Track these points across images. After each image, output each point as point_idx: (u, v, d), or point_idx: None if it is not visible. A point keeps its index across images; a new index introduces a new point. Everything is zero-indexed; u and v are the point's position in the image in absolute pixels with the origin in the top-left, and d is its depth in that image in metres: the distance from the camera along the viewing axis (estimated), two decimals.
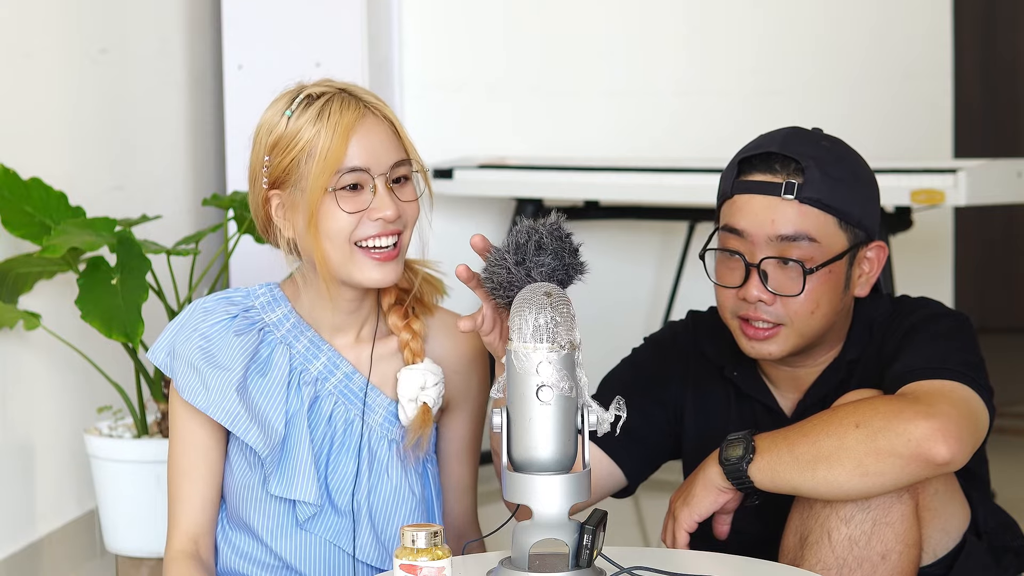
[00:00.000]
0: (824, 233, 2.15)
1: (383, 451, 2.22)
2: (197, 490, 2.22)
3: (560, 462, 1.86)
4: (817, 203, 2.14)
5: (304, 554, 2.21)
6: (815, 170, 2.14)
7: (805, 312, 2.16)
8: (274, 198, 2.16)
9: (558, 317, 1.86)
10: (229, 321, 2.21)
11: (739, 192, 2.18)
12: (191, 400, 2.18)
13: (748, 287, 2.16)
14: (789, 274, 2.15)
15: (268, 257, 3.59)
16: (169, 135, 4.22)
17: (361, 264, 2.14)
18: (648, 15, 4.88)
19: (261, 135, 2.18)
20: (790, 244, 2.14)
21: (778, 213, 2.14)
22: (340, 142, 2.11)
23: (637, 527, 4.19)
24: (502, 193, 4.49)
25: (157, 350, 2.24)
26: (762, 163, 2.17)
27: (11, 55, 3.44)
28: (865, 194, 2.20)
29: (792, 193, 2.13)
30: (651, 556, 2.00)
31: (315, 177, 2.11)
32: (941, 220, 4.77)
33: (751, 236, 2.16)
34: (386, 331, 2.26)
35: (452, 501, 2.34)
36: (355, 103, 2.14)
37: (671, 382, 2.34)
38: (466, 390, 2.30)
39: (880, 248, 2.22)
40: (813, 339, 2.21)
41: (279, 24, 4.27)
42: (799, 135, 2.21)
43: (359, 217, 2.13)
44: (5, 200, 3.26)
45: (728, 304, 2.20)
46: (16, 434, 3.44)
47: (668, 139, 4.82)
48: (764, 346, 2.19)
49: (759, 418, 2.28)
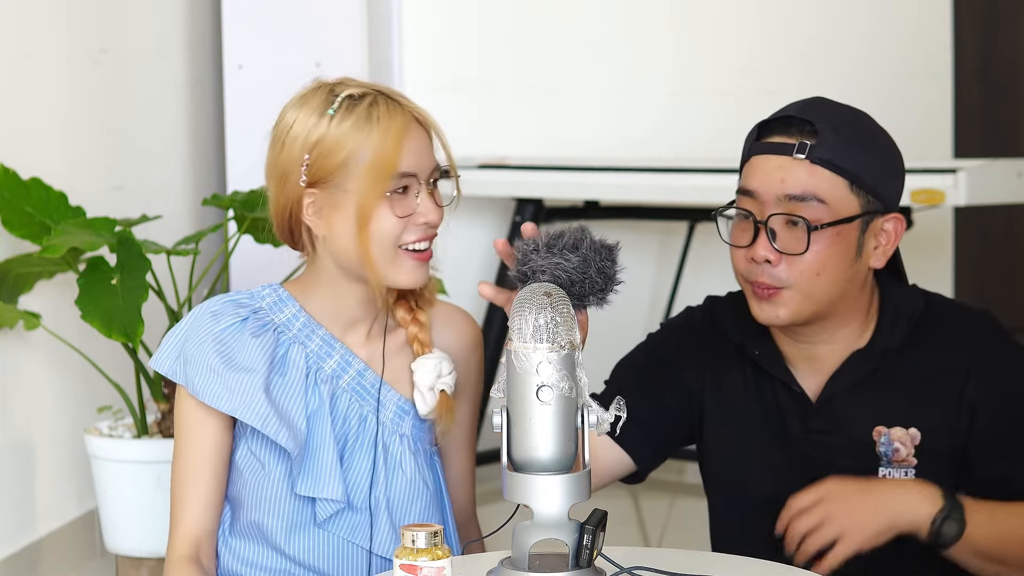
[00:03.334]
0: (834, 195, 2.13)
1: (395, 446, 2.23)
2: (202, 493, 2.21)
3: (560, 462, 1.86)
4: (828, 164, 2.12)
5: (320, 552, 2.21)
6: (829, 132, 2.13)
7: (810, 272, 2.14)
8: (308, 197, 2.16)
9: (558, 317, 1.86)
10: (241, 323, 2.20)
11: (755, 153, 2.18)
12: (216, 405, 2.16)
13: (756, 246, 2.15)
14: (797, 234, 2.13)
15: (268, 257, 3.61)
16: (169, 135, 4.22)
17: (401, 266, 2.16)
18: (649, 15, 4.88)
19: (296, 134, 2.16)
20: (799, 204, 2.13)
21: (788, 172, 2.13)
22: (395, 146, 2.12)
23: (637, 527, 4.19)
24: (502, 193, 4.49)
25: (162, 357, 2.22)
26: (780, 126, 2.17)
27: (11, 55, 3.44)
28: (883, 162, 2.18)
29: (804, 153, 2.12)
30: (651, 556, 2.00)
31: (370, 181, 2.12)
32: (941, 220, 4.77)
33: (761, 195, 2.15)
34: (393, 326, 2.27)
35: (454, 493, 2.35)
36: (399, 107, 2.16)
37: (686, 365, 2.33)
38: (466, 379, 2.32)
39: (898, 220, 2.19)
40: (821, 305, 2.17)
41: (279, 24, 4.27)
42: (822, 102, 2.20)
43: (406, 221, 2.14)
44: (5, 200, 3.26)
45: (740, 267, 2.20)
46: (16, 434, 3.44)
47: (668, 139, 4.82)
48: (772, 308, 2.17)
49: (781, 400, 2.25)
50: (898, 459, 2.18)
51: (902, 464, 2.18)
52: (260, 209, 3.45)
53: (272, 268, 3.59)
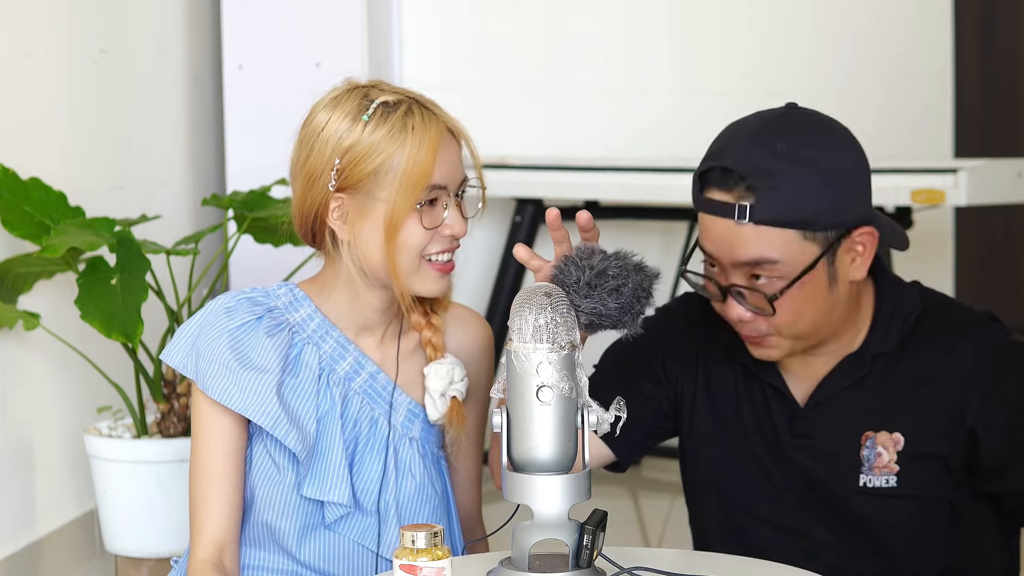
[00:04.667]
0: (787, 251, 2.04)
1: (405, 449, 2.23)
2: (225, 495, 2.17)
3: (560, 462, 1.86)
4: (773, 223, 2.03)
5: (329, 555, 2.20)
6: (766, 190, 2.02)
7: (788, 323, 2.09)
8: (335, 201, 2.15)
9: (558, 318, 1.86)
10: (256, 322, 2.19)
11: (701, 210, 2.11)
12: (226, 402, 2.14)
13: (728, 308, 2.11)
14: (760, 295, 2.08)
15: (268, 257, 3.61)
16: (169, 135, 4.22)
17: (425, 276, 2.16)
18: (649, 15, 4.88)
19: (327, 136, 2.14)
20: (754, 267, 2.06)
21: (736, 237, 2.05)
22: (429, 158, 2.11)
23: (637, 527, 4.19)
24: (502, 193, 4.49)
25: (173, 350, 2.20)
26: (718, 178, 2.07)
27: (11, 55, 3.44)
28: (833, 190, 2.06)
29: (745, 217, 2.03)
30: (651, 556, 2.00)
31: (402, 192, 2.10)
32: (941, 220, 4.77)
33: (718, 260, 2.09)
34: (406, 329, 2.26)
35: (461, 494, 2.34)
36: (434, 117, 2.15)
37: (675, 355, 2.29)
38: (476, 381, 2.31)
39: (869, 234, 2.10)
40: (812, 338, 2.14)
41: (279, 24, 4.27)
42: (756, 139, 2.07)
43: (433, 233, 2.14)
44: (5, 200, 3.26)
45: (722, 314, 2.16)
46: (16, 434, 3.44)
47: (668, 139, 4.82)
48: (763, 351, 2.14)
49: (769, 399, 2.22)
50: (880, 465, 2.14)
51: (883, 471, 2.14)
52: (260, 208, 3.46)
53: (272, 268, 3.60)
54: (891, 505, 2.15)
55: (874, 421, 2.16)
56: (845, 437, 2.16)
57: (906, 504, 2.15)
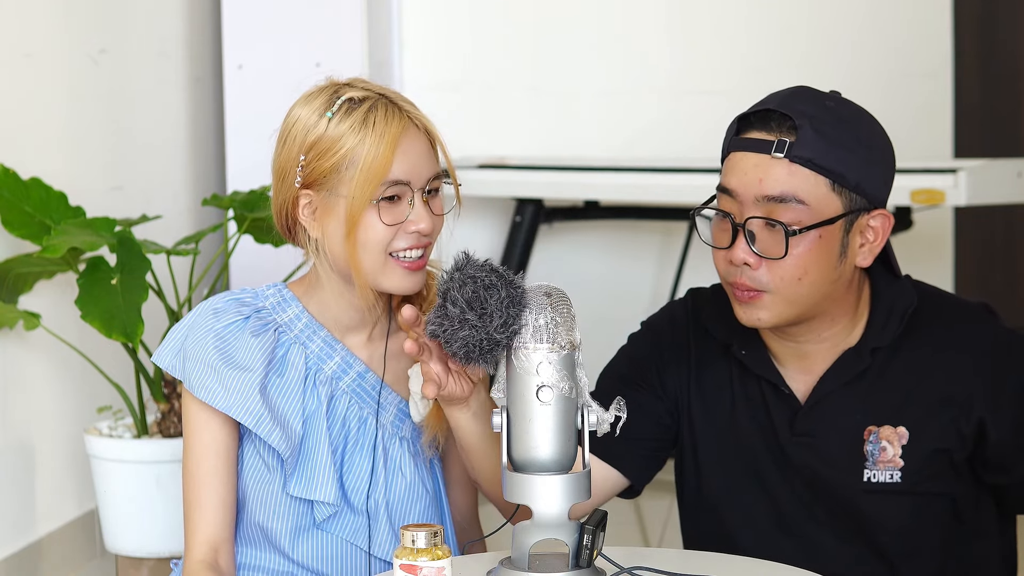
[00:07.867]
0: (814, 195, 2.05)
1: (395, 449, 2.22)
2: (218, 495, 2.18)
3: (560, 462, 1.86)
4: (808, 163, 2.04)
5: (321, 554, 2.21)
6: (809, 129, 2.04)
7: (791, 278, 2.06)
8: (304, 198, 2.15)
9: (558, 318, 1.86)
10: (243, 322, 2.20)
11: (734, 149, 2.10)
12: (210, 401, 2.15)
13: (734, 249, 2.08)
14: (776, 237, 2.05)
15: (268, 257, 3.61)
16: (169, 135, 4.22)
17: (391, 273, 2.14)
18: (648, 15, 4.88)
19: (295, 132, 2.15)
20: (778, 205, 2.04)
21: (767, 172, 2.05)
22: (387, 153, 2.10)
23: (637, 527, 4.19)
24: (502, 193, 4.49)
25: (164, 352, 2.21)
26: (759, 120, 2.09)
27: (11, 55, 3.44)
28: (867, 157, 2.08)
29: (782, 151, 2.04)
30: (651, 556, 2.00)
31: (359, 187, 2.10)
32: (941, 220, 4.77)
33: (740, 195, 2.07)
34: (395, 329, 2.26)
35: (455, 495, 2.34)
36: (399, 113, 2.13)
37: (668, 367, 2.26)
38: None
39: (884, 217, 2.12)
40: (805, 308, 2.10)
41: (279, 24, 4.27)
42: (804, 93, 2.11)
43: (396, 229, 2.13)
44: (5, 200, 3.26)
45: (720, 268, 2.13)
46: (16, 434, 3.44)
47: (668, 139, 4.82)
48: (752, 311, 2.10)
49: (768, 399, 2.20)
50: (884, 460, 2.14)
51: (888, 465, 2.14)
52: (260, 208, 3.46)
53: (272, 268, 3.59)
54: (893, 503, 2.14)
55: (877, 416, 2.14)
56: (848, 433, 2.15)
57: (909, 501, 2.14)
